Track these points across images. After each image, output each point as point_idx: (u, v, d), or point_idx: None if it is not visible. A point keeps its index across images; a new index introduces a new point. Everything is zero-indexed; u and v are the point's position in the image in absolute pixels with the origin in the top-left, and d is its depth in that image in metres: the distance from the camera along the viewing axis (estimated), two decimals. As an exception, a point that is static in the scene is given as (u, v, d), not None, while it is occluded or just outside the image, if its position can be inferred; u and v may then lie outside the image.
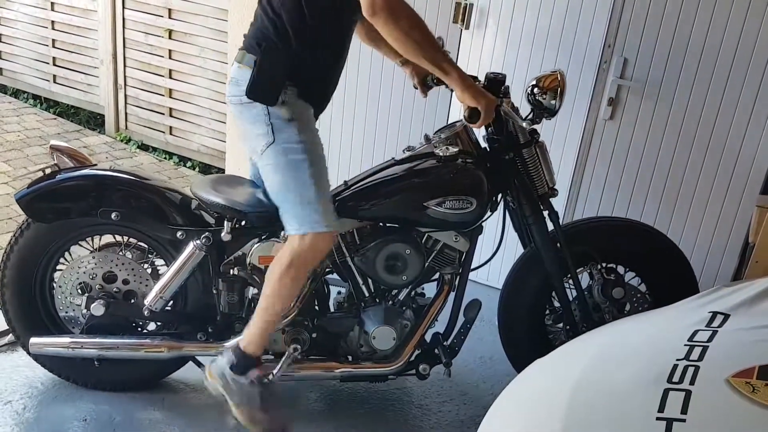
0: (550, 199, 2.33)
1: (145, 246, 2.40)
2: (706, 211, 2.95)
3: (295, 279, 2.14)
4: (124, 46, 4.89)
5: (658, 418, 1.21)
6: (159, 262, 2.42)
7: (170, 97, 4.80)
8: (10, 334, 2.57)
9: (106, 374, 2.42)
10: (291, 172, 2.07)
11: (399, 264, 2.26)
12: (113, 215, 2.24)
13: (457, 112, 3.03)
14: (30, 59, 5.50)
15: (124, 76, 4.97)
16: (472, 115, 2.01)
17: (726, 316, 1.46)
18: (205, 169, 4.71)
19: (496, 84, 2.15)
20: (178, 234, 2.27)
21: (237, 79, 2.10)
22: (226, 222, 2.25)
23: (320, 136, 2.18)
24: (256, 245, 2.29)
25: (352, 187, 2.25)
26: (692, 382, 1.26)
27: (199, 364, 2.41)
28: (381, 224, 2.31)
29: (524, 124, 2.15)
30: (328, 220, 2.09)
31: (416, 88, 2.47)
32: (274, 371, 2.24)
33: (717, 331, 1.41)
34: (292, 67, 2.06)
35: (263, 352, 2.25)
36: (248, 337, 2.21)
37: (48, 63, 5.40)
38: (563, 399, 1.35)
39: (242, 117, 2.12)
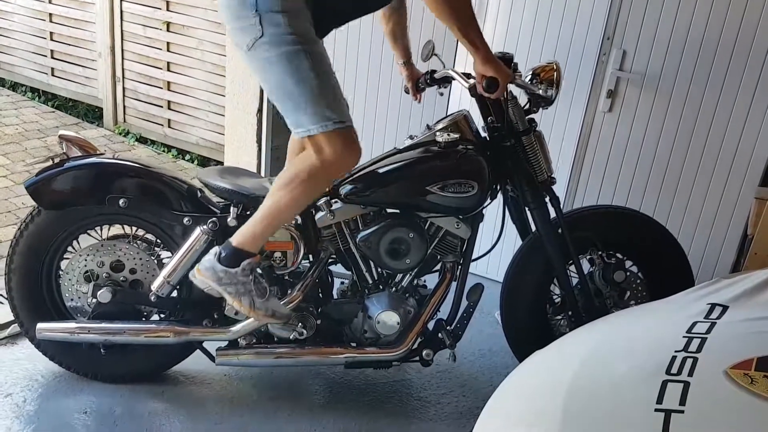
0: (551, 186, 2.35)
1: (153, 238, 2.42)
2: (705, 202, 2.96)
3: (312, 188, 2.02)
4: (122, 39, 4.87)
5: (656, 410, 1.21)
6: (165, 254, 2.43)
7: (168, 89, 4.79)
8: (11, 327, 2.59)
9: (109, 364, 2.44)
10: (287, 64, 1.90)
11: (402, 248, 2.28)
12: (121, 202, 2.25)
13: (456, 105, 3.03)
14: (28, 52, 5.47)
15: (122, 69, 4.95)
16: (491, 84, 2.08)
17: (724, 308, 1.46)
18: (204, 161, 4.70)
19: (505, 62, 2.18)
20: (185, 220, 2.29)
21: None
22: (232, 208, 2.27)
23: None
24: None
25: (355, 174, 2.27)
26: (691, 374, 1.26)
27: (208, 354, 2.42)
28: (384, 210, 2.33)
29: (539, 91, 2.22)
30: (342, 115, 1.94)
31: (407, 92, 2.53)
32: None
33: (715, 322, 1.41)
34: None
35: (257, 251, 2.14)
36: (243, 235, 2.11)
37: (46, 56, 5.38)
38: (562, 391, 1.36)
39: (231, 21, 1.96)
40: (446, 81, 2.46)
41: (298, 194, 2.03)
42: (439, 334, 2.40)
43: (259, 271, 2.22)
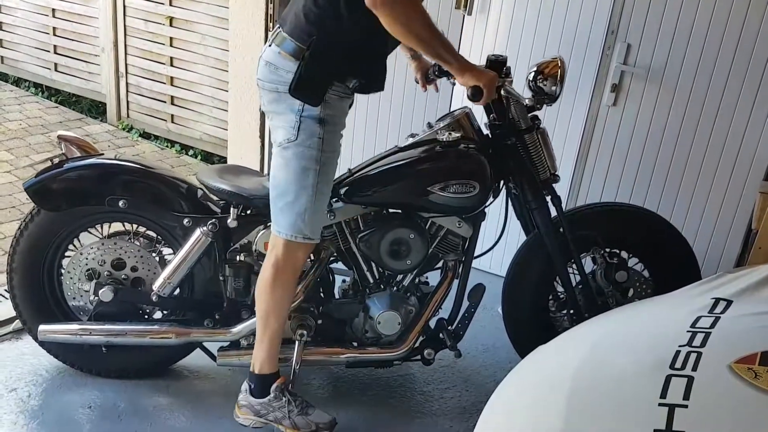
0: (553, 185, 2.33)
1: (154, 235, 2.42)
2: (709, 197, 2.95)
3: (283, 288, 2.14)
4: (125, 34, 4.87)
5: (660, 404, 1.21)
6: (167, 251, 2.44)
7: (172, 85, 4.79)
8: (15, 323, 2.59)
9: (112, 361, 2.44)
10: (298, 175, 2.03)
11: (403, 249, 2.27)
12: (121, 203, 2.25)
13: (459, 102, 3.03)
14: (31, 47, 5.48)
15: (126, 64, 4.95)
16: (475, 93, 2.01)
17: (729, 303, 1.46)
18: (207, 157, 4.70)
19: (497, 65, 2.15)
20: (185, 221, 2.29)
21: (275, 66, 2.00)
22: (232, 209, 2.27)
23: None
24: (261, 232, 2.31)
25: (356, 174, 2.26)
26: (694, 369, 1.26)
27: (209, 353, 2.43)
28: (385, 210, 2.32)
29: (526, 102, 2.15)
30: (313, 233, 2.10)
31: (417, 82, 2.50)
32: (293, 365, 2.26)
33: (719, 317, 1.41)
34: (346, 61, 1.98)
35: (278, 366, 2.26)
36: (258, 360, 2.22)
37: (49, 51, 5.38)
38: (565, 385, 1.35)
39: (272, 103, 2.05)
40: None
41: (275, 297, 2.15)
42: (441, 334, 2.39)
43: (290, 389, 2.25)
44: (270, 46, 2.04)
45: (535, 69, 2.22)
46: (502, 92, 2.16)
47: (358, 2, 1.84)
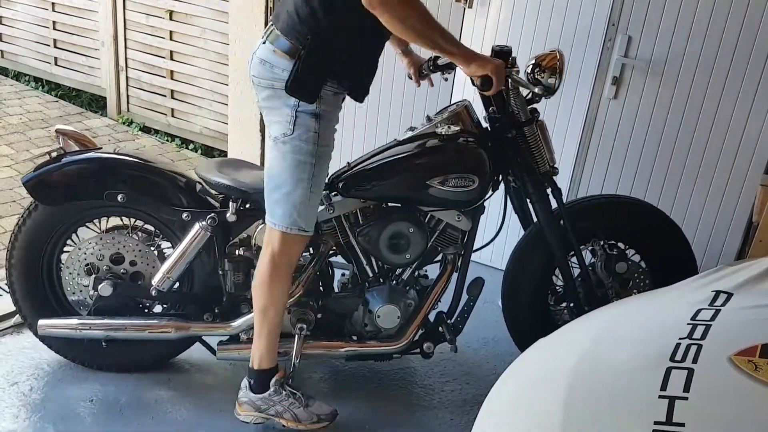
0: (553, 177, 2.33)
1: (152, 229, 2.42)
2: (710, 190, 2.95)
3: (280, 282, 2.15)
4: (125, 28, 4.87)
5: (660, 396, 1.21)
6: (165, 244, 2.44)
7: (172, 78, 4.78)
8: (16, 317, 2.59)
9: (112, 355, 2.44)
10: (294, 172, 2.04)
11: (402, 242, 2.27)
12: (119, 197, 2.25)
13: (459, 94, 3.02)
14: (31, 41, 5.47)
15: (126, 58, 4.95)
16: (484, 83, 2.01)
17: (729, 295, 1.46)
18: (208, 151, 4.70)
19: (502, 55, 2.14)
20: (184, 215, 2.29)
21: (271, 64, 2.00)
22: (231, 203, 2.27)
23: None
24: (260, 226, 2.30)
25: (355, 168, 2.26)
26: (695, 361, 1.26)
27: (209, 347, 2.43)
28: (384, 204, 2.32)
29: (536, 90, 2.15)
30: (308, 225, 2.11)
31: (410, 78, 2.50)
32: (293, 359, 2.26)
33: (720, 309, 1.41)
34: (340, 60, 1.99)
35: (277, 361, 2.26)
36: (257, 355, 2.22)
37: (49, 45, 5.38)
38: (565, 378, 1.35)
39: (268, 100, 2.06)
40: (450, 67, 2.42)
41: (272, 291, 2.15)
42: (440, 328, 2.40)
43: (290, 383, 2.26)
44: (264, 43, 2.04)
45: (533, 62, 2.21)
46: (510, 82, 2.15)
47: (352, 1, 1.85)
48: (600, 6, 2.88)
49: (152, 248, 2.41)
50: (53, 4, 5.22)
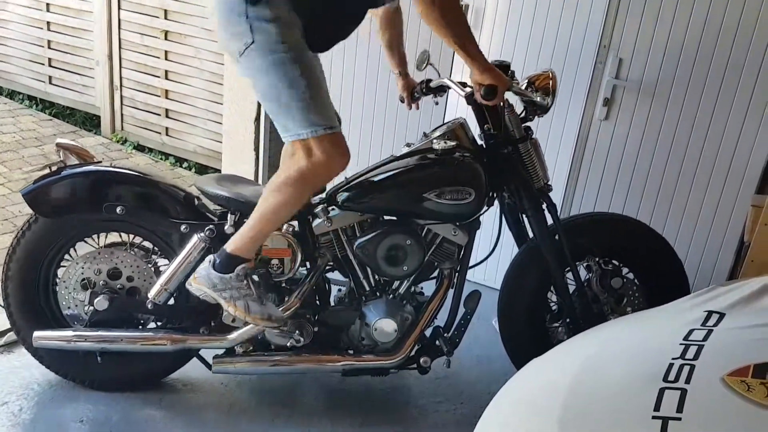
0: (548, 193, 2.36)
1: (150, 245, 2.42)
2: (702, 210, 2.97)
3: (302, 191, 2.05)
4: (119, 47, 4.88)
5: (653, 417, 1.21)
6: (162, 261, 2.43)
7: (166, 98, 4.79)
8: (6, 336, 2.58)
9: (106, 372, 2.43)
10: (277, 71, 1.94)
11: (400, 254, 2.28)
12: (118, 210, 2.26)
13: (453, 113, 3.04)
14: (25, 60, 5.48)
15: (120, 77, 4.95)
16: (489, 92, 2.10)
17: (721, 315, 1.46)
18: (202, 169, 4.70)
19: (502, 69, 2.21)
20: (182, 227, 2.30)
21: None
22: (229, 215, 2.28)
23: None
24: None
25: (353, 182, 2.28)
26: (688, 381, 1.26)
27: (204, 361, 2.41)
28: (381, 217, 2.34)
29: (537, 99, 2.23)
30: (330, 120, 1.99)
31: (402, 101, 2.56)
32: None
33: (712, 330, 1.41)
34: None
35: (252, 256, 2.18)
36: (237, 242, 2.14)
37: (43, 64, 5.38)
38: (559, 398, 1.36)
39: (224, 25, 1.99)
40: (441, 90, 2.47)
41: (288, 197, 2.06)
42: (437, 342, 2.40)
43: (255, 277, 2.22)
44: None
45: (526, 81, 2.27)
46: (512, 91, 2.23)
47: None
48: (591, 27, 2.92)
49: (149, 264, 2.41)
50: (48, 23, 5.23)
